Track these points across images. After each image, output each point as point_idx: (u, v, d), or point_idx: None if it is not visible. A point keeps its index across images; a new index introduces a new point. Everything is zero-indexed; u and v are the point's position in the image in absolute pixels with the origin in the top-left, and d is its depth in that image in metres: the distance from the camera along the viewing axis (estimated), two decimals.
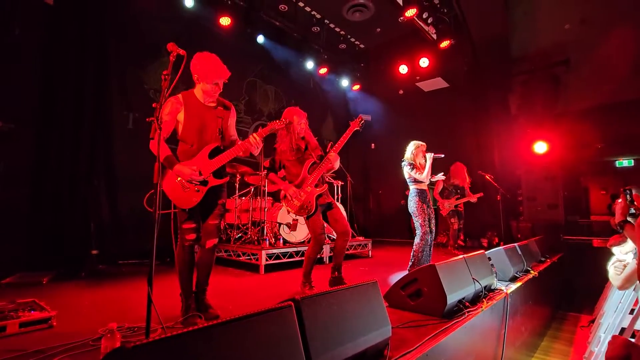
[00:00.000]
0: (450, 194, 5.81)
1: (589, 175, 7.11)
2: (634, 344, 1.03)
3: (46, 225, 4.14)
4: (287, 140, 3.03)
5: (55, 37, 4.39)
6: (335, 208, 3.16)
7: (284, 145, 3.04)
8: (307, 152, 3.13)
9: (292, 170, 3.09)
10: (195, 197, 2.21)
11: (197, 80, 2.28)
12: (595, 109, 6.63)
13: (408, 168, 3.98)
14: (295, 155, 3.07)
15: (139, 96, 5.19)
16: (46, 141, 4.24)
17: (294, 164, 3.08)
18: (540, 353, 3.59)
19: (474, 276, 2.54)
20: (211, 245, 2.34)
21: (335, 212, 3.14)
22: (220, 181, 2.32)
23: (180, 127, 2.27)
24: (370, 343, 1.49)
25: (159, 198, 1.60)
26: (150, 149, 2.03)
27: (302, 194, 2.99)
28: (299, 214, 3.02)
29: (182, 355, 0.90)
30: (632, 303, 2.53)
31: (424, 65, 7.62)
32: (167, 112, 2.19)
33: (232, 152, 2.30)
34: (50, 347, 1.75)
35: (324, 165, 3.06)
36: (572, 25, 6.67)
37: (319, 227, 2.98)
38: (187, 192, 2.18)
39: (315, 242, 3.02)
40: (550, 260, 4.58)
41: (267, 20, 6.65)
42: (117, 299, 2.79)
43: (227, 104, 2.45)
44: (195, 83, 2.31)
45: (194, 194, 2.20)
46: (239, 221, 5.15)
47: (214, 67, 2.27)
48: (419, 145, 4.09)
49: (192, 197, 2.20)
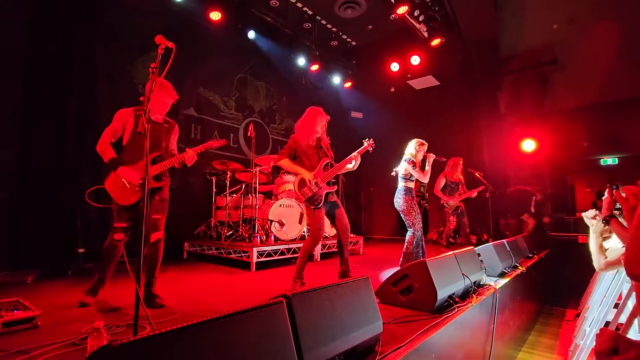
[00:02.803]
0: (453, 191, 5.64)
1: (575, 173, 7.28)
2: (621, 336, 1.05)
3: (31, 223, 4.03)
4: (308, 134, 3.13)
5: (41, 31, 4.26)
6: (341, 208, 3.24)
7: (305, 138, 3.14)
8: (322, 150, 3.23)
9: (307, 163, 3.15)
10: (134, 197, 2.48)
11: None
12: (582, 108, 6.78)
13: (410, 166, 3.95)
14: (313, 149, 3.17)
15: (127, 91, 5.09)
16: (31, 138, 4.12)
17: (310, 157, 3.16)
18: (528, 347, 3.66)
19: (463, 272, 2.56)
20: (155, 239, 2.55)
21: (341, 212, 3.22)
22: (158, 184, 2.63)
23: (127, 136, 2.53)
24: (361, 339, 1.49)
25: (146, 195, 1.57)
26: (96, 149, 2.44)
27: (319, 184, 3.04)
28: (308, 203, 3.06)
29: (171, 352, 0.88)
30: (616, 297, 2.59)
31: (415, 63, 7.65)
32: (118, 120, 2.51)
33: (170, 162, 2.59)
34: (35, 347, 1.71)
35: (340, 166, 3.16)
36: (560, 25, 6.78)
37: (320, 223, 3.05)
38: (127, 190, 2.47)
39: (313, 237, 3.07)
40: (538, 256, 4.67)
41: (258, 15, 6.58)
42: (104, 298, 2.74)
43: (172, 122, 2.77)
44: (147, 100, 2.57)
45: (133, 194, 2.48)
46: (230, 219, 5.10)
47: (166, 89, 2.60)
48: (421, 144, 4.10)
49: (131, 197, 2.48)
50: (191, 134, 6.00)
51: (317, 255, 5.06)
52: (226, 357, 0.99)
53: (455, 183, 5.67)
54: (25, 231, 3.99)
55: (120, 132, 2.52)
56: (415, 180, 4.03)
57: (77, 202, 4.37)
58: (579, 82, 6.75)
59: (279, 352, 1.12)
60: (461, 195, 5.60)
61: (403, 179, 4.01)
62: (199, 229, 5.35)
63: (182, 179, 5.78)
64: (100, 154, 2.47)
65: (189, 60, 5.93)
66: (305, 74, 8.23)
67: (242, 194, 5.08)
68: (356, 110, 9.60)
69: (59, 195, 4.26)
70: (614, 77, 6.27)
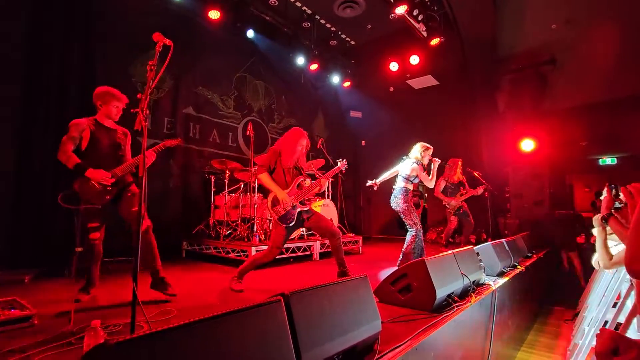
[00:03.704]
0: (454, 192, 5.60)
1: (574, 172, 7.27)
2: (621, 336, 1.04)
3: (29, 222, 4.01)
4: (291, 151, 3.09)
5: (39, 29, 4.24)
6: (315, 215, 3.15)
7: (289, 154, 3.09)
8: (297, 169, 3.21)
9: (282, 178, 3.10)
10: (108, 195, 2.66)
11: (100, 106, 2.77)
12: (580, 108, 6.78)
13: (419, 169, 3.99)
14: (291, 165, 3.15)
15: (126, 90, 5.00)
16: (29, 137, 4.11)
17: (287, 173, 3.12)
18: (527, 347, 3.66)
19: (462, 271, 2.56)
20: (144, 228, 2.57)
21: (315, 219, 3.13)
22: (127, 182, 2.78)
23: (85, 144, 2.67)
24: (360, 337, 1.48)
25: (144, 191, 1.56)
26: (58, 158, 2.57)
27: (291, 203, 3.01)
28: (280, 221, 3.01)
29: (168, 350, 0.88)
30: (615, 297, 2.59)
31: (415, 62, 7.64)
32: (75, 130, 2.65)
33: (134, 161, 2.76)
34: (31, 344, 1.70)
35: (313, 187, 3.12)
36: (558, 25, 6.79)
37: (280, 241, 3.01)
38: (99, 191, 2.61)
39: (269, 252, 3.03)
40: (537, 255, 4.68)
41: (257, 14, 6.56)
42: (101, 297, 2.73)
43: (126, 131, 2.94)
44: (99, 109, 2.78)
45: (106, 192, 2.64)
46: (229, 218, 5.09)
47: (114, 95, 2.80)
48: (427, 148, 4.13)
49: (105, 195, 2.64)
50: (190, 133, 5.98)
51: (316, 254, 5.05)
52: (224, 355, 0.98)
53: (455, 184, 5.64)
54: (22, 230, 3.97)
55: (78, 140, 2.66)
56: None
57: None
58: (577, 82, 6.75)
59: (277, 351, 1.11)
60: (463, 195, 5.57)
61: (404, 179, 4.01)
62: (197, 228, 5.34)
63: (181, 178, 5.77)
64: (64, 161, 2.59)
65: (187, 59, 5.91)
66: (304, 73, 8.22)
67: (240, 193, 5.07)
68: (355, 110, 9.59)
69: (57, 194, 4.24)
70: (613, 76, 6.27)
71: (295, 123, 8.01)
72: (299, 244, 4.87)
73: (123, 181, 2.75)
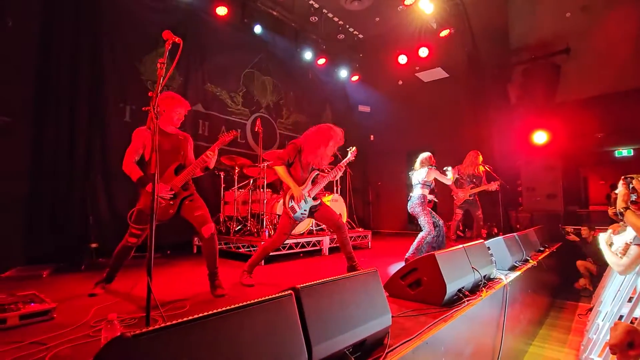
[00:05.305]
0: (464, 184, 5.53)
1: (588, 165, 7.10)
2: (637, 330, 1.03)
3: (45, 219, 4.12)
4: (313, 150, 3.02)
5: (49, 29, 4.31)
6: (322, 206, 3.17)
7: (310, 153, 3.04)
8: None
9: (300, 174, 3.08)
10: (172, 209, 2.62)
11: (162, 112, 2.67)
12: (596, 98, 6.59)
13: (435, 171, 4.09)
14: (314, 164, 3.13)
15: (136, 88, 5.13)
16: (43, 135, 4.19)
17: (305, 169, 3.11)
18: (539, 341, 3.62)
19: (473, 265, 2.54)
20: (209, 234, 2.61)
21: (322, 212, 3.16)
22: (186, 193, 2.70)
23: (148, 153, 2.57)
24: (370, 331, 1.49)
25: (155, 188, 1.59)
26: (123, 169, 2.49)
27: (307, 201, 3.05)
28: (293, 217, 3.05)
29: (183, 343, 0.90)
30: (630, 291, 2.54)
31: (424, 55, 7.52)
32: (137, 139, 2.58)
33: (193, 167, 2.67)
34: (50, 337, 1.75)
35: (327, 179, 3.14)
36: (573, 13, 6.59)
37: (288, 229, 3.06)
38: (163, 206, 2.55)
39: (277, 238, 3.09)
40: (549, 249, 4.60)
41: (265, 10, 6.55)
42: (117, 291, 2.79)
43: (186, 135, 2.88)
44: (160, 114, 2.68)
45: (169, 207, 2.60)
46: (238, 213, 5.14)
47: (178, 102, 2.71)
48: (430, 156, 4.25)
49: (169, 210, 2.60)
50: (199, 130, 6.03)
51: (325, 249, 5.07)
52: (236, 348, 1.00)
53: (468, 176, 5.56)
54: (39, 227, 4.07)
55: (142, 150, 2.59)
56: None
57: (88, 199, 4.45)
58: (593, 71, 6.56)
59: (288, 344, 1.13)
60: (473, 189, 5.50)
61: (422, 186, 4.04)
62: None
63: None
64: (128, 174, 2.52)
65: (195, 56, 5.94)
66: (312, 68, 8.19)
67: (250, 188, 5.10)
68: (364, 104, 9.52)
69: (71, 192, 4.34)
70: (630, 65, 6.07)
71: (303, 119, 8.00)
72: (309, 238, 4.88)
73: (183, 191, 2.69)
